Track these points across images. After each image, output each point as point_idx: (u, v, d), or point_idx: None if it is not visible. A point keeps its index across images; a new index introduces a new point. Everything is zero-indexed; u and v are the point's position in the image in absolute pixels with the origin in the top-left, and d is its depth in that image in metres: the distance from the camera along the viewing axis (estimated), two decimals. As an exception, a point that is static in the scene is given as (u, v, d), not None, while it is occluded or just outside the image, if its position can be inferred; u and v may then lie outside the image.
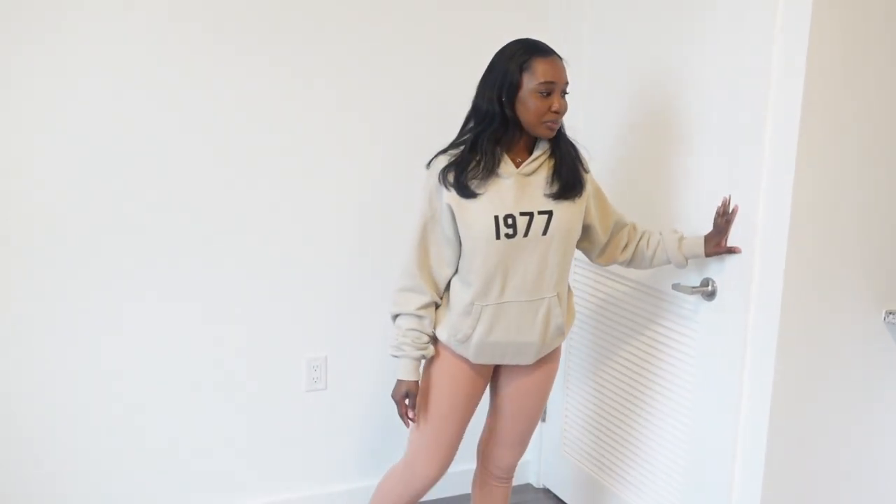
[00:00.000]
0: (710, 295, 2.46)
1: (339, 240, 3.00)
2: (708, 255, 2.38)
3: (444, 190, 2.17)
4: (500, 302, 2.23)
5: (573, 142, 2.27)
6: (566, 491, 3.28)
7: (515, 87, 2.10)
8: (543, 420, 3.36)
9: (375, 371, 3.14)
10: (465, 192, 2.15)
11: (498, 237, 2.15)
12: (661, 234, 2.45)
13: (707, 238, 2.38)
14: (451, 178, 2.16)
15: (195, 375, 2.91)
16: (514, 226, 2.15)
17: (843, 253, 2.32)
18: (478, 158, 2.14)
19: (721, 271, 2.41)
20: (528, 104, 2.11)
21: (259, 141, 2.83)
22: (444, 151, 2.21)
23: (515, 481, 3.45)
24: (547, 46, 2.15)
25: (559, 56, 2.16)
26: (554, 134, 2.16)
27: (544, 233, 2.18)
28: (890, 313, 2.40)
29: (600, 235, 2.38)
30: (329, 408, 3.11)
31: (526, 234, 2.17)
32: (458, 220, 2.19)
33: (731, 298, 2.39)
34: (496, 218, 2.15)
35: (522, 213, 2.16)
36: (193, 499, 3.00)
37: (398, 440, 3.23)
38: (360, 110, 2.93)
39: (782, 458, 2.38)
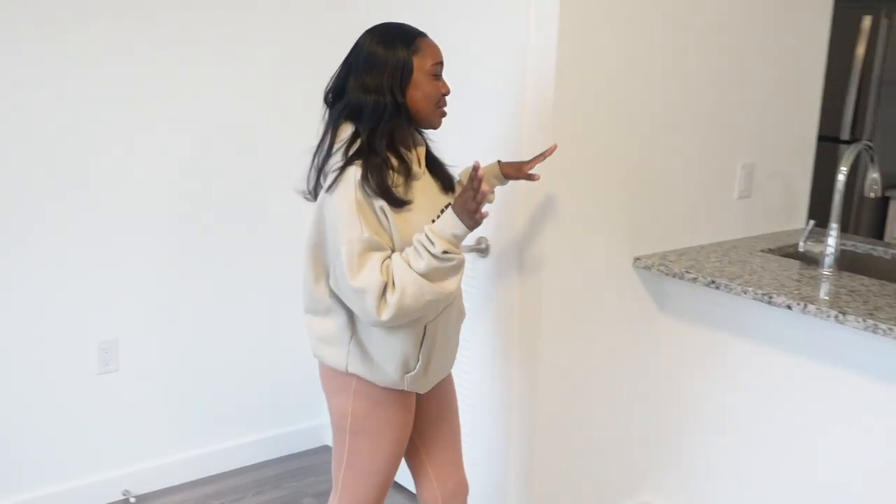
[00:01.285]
0: (484, 252, 2.70)
1: (130, 222, 2.99)
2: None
3: (374, 199, 1.89)
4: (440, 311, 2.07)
5: None
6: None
7: (410, 71, 1.93)
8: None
9: (169, 351, 3.17)
10: (398, 202, 1.92)
11: None
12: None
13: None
14: (374, 186, 1.88)
15: (-24, 367, 2.82)
16: None
17: (598, 206, 2.62)
18: (388, 163, 1.92)
19: (493, 230, 2.65)
20: (424, 89, 1.95)
21: (54, 122, 2.77)
22: (348, 163, 1.89)
23: (312, 444, 3.60)
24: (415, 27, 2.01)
25: None
26: (441, 122, 2.02)
27: None
28: (637, 259, 2.75)
29: None
30: (122, 389, 3.10)
31: None
32: (395, 234, 1.93)
33: (502, 255, 2.64)
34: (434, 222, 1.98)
35: (442, 211, 2.00)
36: (-18, 494, 2.92)
37: (193, 417, 3.28)
38: (169, 98, 2.93)
39: (551, 393, 2.67)
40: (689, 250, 2.85)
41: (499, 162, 2.35)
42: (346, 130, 1.95)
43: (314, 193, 2.01)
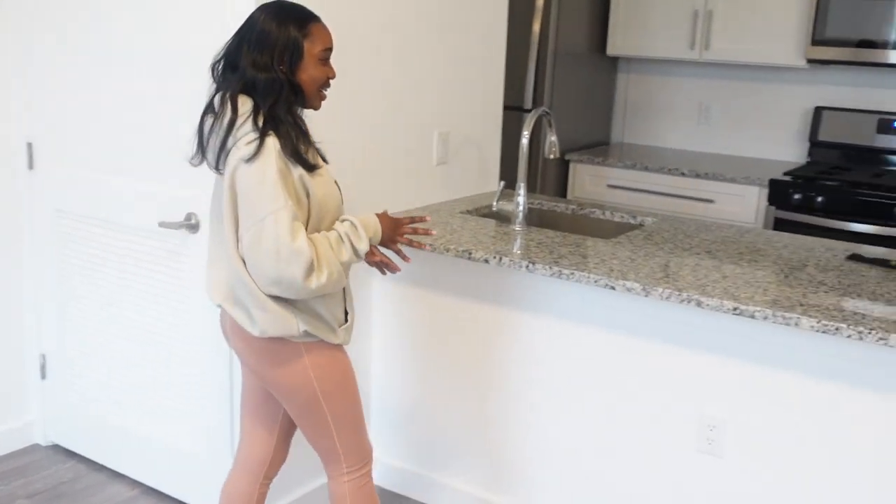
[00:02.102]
0: (194, 228, 2.68)
1: None
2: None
3: (294, 168, 1.98)
4: None
5: None
6: (78, 441, 3.31)
7: (300, 54, 2.00)
8: (44, 377, 3.32)
9: None
10: (311, 166, 2.01)
11: (342, 202, 2.14)
12: None
13: None
14: (291, 153, 1.97)
15: None
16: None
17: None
18: (294, 132, 2.00)
19: (201, 204, 2.63)
20: (311, 72, 2.03)
21: None
22: (263, 134, 1.95)
23: (20, 444, 3.40)
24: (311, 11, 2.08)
25: None
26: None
27: None
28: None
29: None
30: None
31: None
32: (311, 197, 2.01)
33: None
34: (336, 183, 2.12)
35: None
36: None
37: None
38: None
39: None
40: (396, 215, 3.00)
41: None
42: (247, 103, 1.98)
43: (218, 166, 2.03)
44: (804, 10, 4.17)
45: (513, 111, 4.15)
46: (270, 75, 1.97)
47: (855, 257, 2.68)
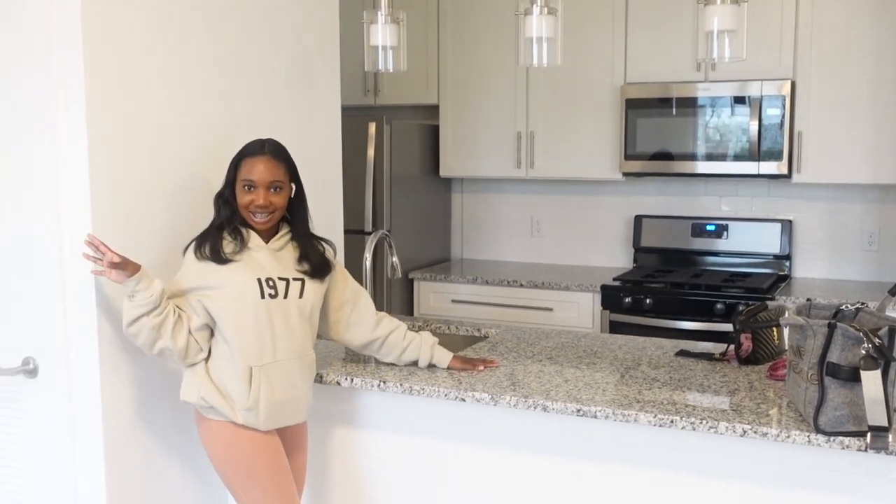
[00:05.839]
0: (32, 373, 2.58)
1: None
2: (450, 367, 2.71)
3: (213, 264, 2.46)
4: (275, 360, 2.45)
5: (318, 237, 2.64)
6: None
7: (233, 182, 2.51)
8: None
9: None
10: (220, 258, 2.45)
11: (263, 297, 2.43)
12: (419, 334, 2.77)
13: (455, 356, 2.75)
14: (206, 251, 2.45)
15: None
16: (274, 287, 2.46)
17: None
18: (229, 235, 2.49)
19: (41, 348, 2.55)
20: (238, 196, 2.50)
21: None
22: (203, 236, 2.49)
23: None
24: (262, 147, 2.51)
25: (274, 156, 2.50)
26: (264, 224, 2.50)
27: (301, 296, 2.50)
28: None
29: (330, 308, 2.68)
30: None
31: (286, 296, 2.47)
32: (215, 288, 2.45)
33: (53, 372, 2.55)
34: (259, 280, 2.44)
35: (280, 278, 2.48)
36: None
37: None
38: None
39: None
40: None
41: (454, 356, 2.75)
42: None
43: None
44: (615, 129, 4.53)
45: (354, 234, 4.25)
46: (221, 195, 2.53)
47: (683, 353, 2.88)
